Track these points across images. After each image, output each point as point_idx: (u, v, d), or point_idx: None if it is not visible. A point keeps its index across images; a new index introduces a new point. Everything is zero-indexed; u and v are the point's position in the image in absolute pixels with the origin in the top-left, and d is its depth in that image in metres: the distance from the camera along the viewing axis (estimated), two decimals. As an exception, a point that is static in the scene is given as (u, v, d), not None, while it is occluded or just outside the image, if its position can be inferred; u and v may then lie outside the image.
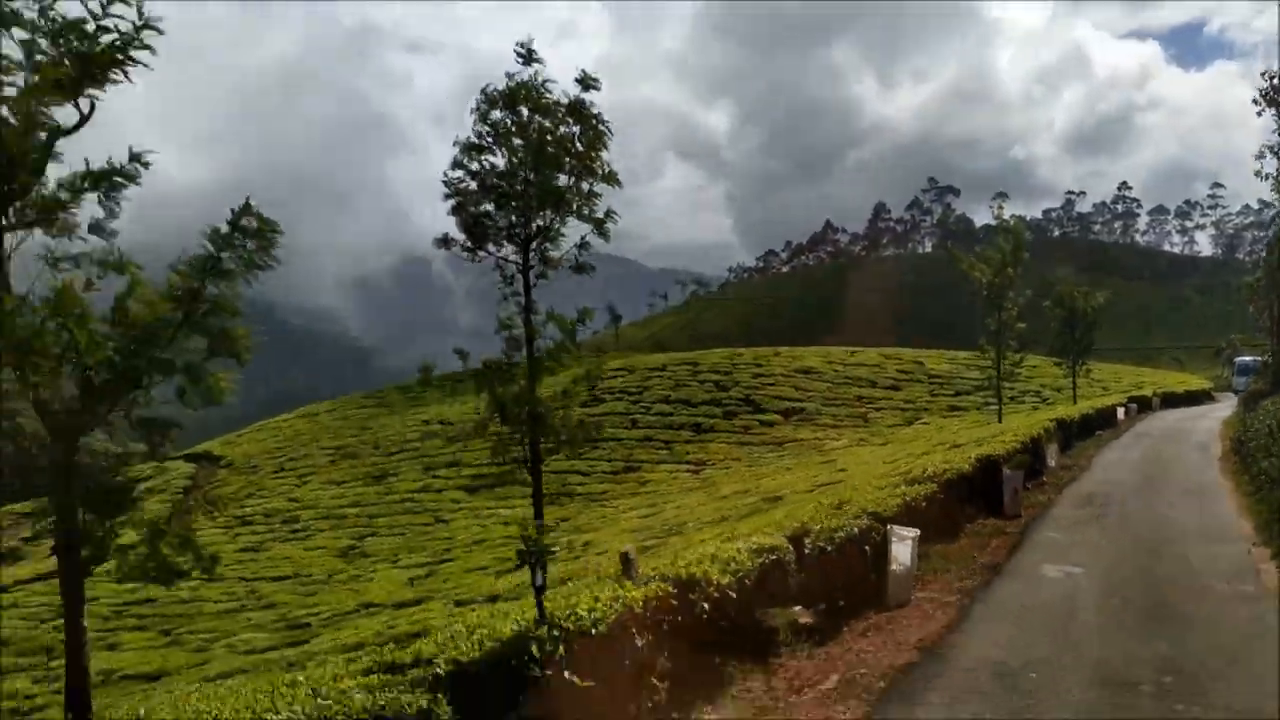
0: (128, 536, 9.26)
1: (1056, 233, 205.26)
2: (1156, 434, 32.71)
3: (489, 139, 14.22)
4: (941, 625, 8.73)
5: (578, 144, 14.08)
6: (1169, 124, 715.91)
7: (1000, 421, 35.58)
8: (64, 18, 8.64)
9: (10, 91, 8.54)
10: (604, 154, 14.15)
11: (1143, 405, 46.26)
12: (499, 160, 14.18)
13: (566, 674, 5.51)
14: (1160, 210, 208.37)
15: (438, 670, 5.38)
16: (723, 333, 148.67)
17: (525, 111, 14.13)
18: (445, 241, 14.75)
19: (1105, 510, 15.96)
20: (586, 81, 14.18)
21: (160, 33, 9.03)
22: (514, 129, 13.94)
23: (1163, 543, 12.98)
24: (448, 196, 14.64)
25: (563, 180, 14.29)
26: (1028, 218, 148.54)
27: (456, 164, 14.41)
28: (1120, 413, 38.65)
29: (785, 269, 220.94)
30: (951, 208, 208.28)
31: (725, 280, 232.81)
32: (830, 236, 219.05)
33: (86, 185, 8.86)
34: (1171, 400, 53.19)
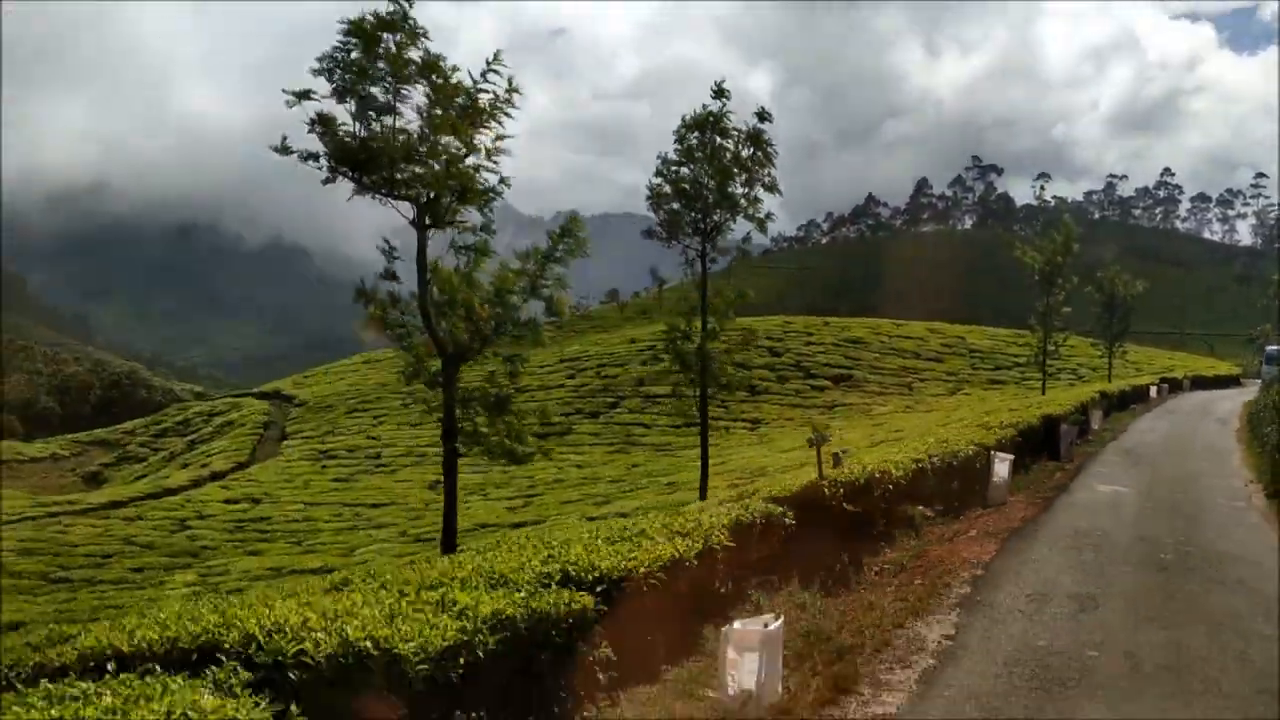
0: (493, 430, 13.83)
1: (1096, 215, 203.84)
2: (1184, 410, 36.06)
3: (682, 156, 18.76)
4: (1034, 512, 13.22)
5: (751, 162, 18.56)
6: (1217, 109, 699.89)
7: (1044, 395, 38.94)
8: (455, 82, 13.18)
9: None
10: (772, 170, 18.60)
11: (1174, 386, 48.65)
12: (687, 171, 18.69)
13: (845, 505, 9.92)
14: (1202, 198, 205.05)
15: (753, 503, 9.76)
16: (764, 301, 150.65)
17: (708, 134, 18.65)
18: (650, 232, 19.24)
19: (1140, 458, 20.38)
20: (762, 115, 18.65)
21: (521, 94, 13.48)
22: (699, 148, 18.43)
23: (1184, 478, 17.42)
24: (648, 197, 19.20)
25: (736, 189, 18.78)
26: (1068, 199, 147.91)
27: (658, 173, 18.94)
28: (1153, 391, 41.83)
29: (825, 240, 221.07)
30: (993, 186, 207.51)
31: (765, 248, 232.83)
32: (872, 209, 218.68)
33: (471, 199, 13.43)
34: (1201, 383, 55.18)
